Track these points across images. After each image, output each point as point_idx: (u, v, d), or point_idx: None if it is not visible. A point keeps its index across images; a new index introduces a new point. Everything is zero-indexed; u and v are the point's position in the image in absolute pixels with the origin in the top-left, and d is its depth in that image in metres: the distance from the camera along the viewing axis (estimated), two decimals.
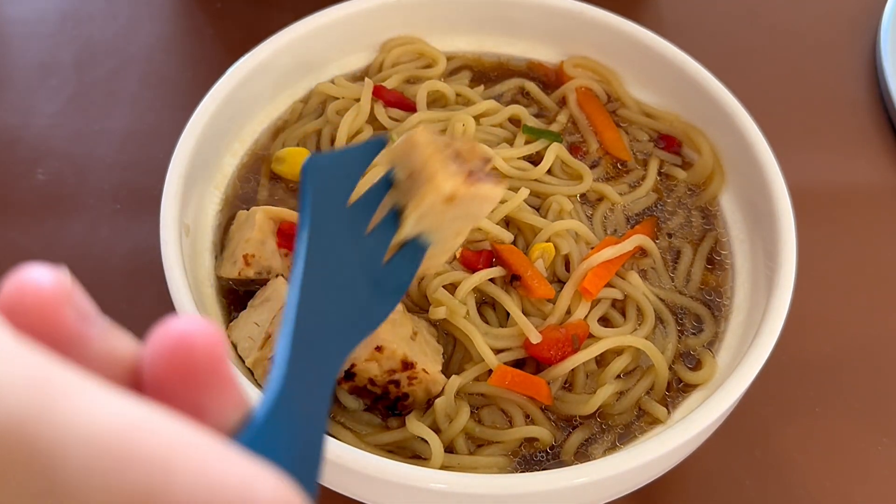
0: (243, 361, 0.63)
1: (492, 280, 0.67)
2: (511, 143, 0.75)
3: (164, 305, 0.62)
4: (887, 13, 1.02)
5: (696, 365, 0.67)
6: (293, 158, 0.74)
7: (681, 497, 0.70)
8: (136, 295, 0.78)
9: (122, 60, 0.97)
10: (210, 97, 0.71)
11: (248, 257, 0.66)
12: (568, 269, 0.69)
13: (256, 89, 0.76)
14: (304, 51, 0.78)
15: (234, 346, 0.64)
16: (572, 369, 0.64)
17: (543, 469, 0.61)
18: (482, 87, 0.81)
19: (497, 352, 0.64)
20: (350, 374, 0.61)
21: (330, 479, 0.59)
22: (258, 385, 0.63)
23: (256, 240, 0.67)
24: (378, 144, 0.48)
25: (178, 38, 1.00)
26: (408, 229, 0.49)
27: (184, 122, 0.69)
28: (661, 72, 0.78)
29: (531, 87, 0.81)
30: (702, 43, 0.88)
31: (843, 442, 0.74)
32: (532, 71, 0.84)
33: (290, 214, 0.69)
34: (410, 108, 0.78)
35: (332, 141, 0.76)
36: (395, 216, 0.49)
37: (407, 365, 0.61)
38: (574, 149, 0.78)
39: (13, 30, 0.99)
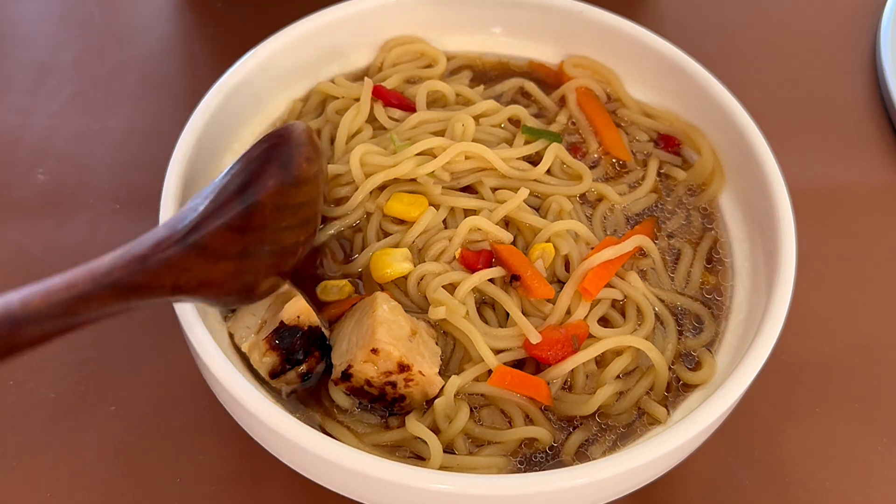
0: (239, 349, 0.64)
1: (491, 280, 0.67)
2: (510, 143, 0.75)
3: (164, 305, 0.62)
4: (887, 13, 1.02)
5: (696, 365, 0.67)
6: None
7: (681, 497, 0.70)
8: None
9: (122, 60, 0.97)
10: (210, 97, 0.71)
11: None
12: (568, 269, 0.69)
13: (256, 89, 0.76)
14: (305, 51, 0.78)
15: (231, 336, 0.65)
16: (572, 370, 0.64)
17: (543, 469, 0.61)
18: (482, 86, 0.81)
19: (497, 352, 0.64)
20: (347, 375, 0.61)
21: (330, 479, 0.59)
22: (252, 370, 0.63)
23: None
24: None
25: (178, 38, 1.00)
26: None
27: (184, 122, 0.69)
28: (661, 72, 0.78)
29: (531, 86, 0.81)
30: (702, 43, 0.88)
31: (844, 442, 0.74)
32: (532, 71, 0.84)
33: None
34: (410, 108, 0.78)
35: (332, 140, 0.76)
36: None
37: (403, 367, 0.61)
38: (574, 149, 0.77)
39: (13, 30, 0.99)
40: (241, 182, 0.54)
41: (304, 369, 0.63)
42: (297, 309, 0.63)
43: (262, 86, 0.76)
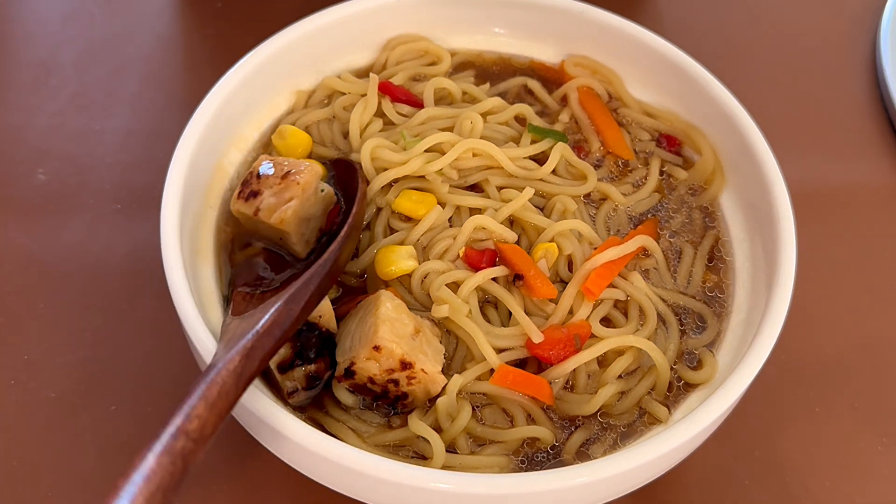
0: None
1: (495, 279, 0.67)
2: (517, 141, 0.75)
3: (165, 305, 0.62)
4: (887, 14, 1.02)
5: (697, 364, 0.67)
6: (294, 139, 0.75)
7: (681, 496, 0.71)
8: (136, 294, 0.78)
9: (123, 60, 0.97)
10: (211, 97, 0.71)
11: None
12: (571, 269, 0.69)
13: (258, 89, 0.76)
14: (306, 50, 0.78)
15: None
16: (574, 369, 0.64)
17: (544, 469, 0.61)
18: (487, 84, 0.81)
19: (499, 351, 0.64)
20: (350, 372, 0.61)
21: (332, 478, 0.59)
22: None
23: None
24: None
25: (178, 37, 1.00)
26: None
27: (184, 122, 0.69)
28: (662, 72, 0.78)
29: (534, 84, 0.81)
30: (701, 43, 0.88)
31: (844, 442, 0.74)
32: (534, 70, 0.84)
33: None
34: (418, 104, 0.78)
35: (345, 135, 0.76)
36: None
37: (405, 365, 0.61)
38: (577, 148, 0.77)
39: (14, 30, 0.99)
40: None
41: (313, 370, 0.63)
42: (321, 308, 0.63)
43: (263, 86, 0.76)
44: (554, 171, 0.74)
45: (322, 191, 0.69)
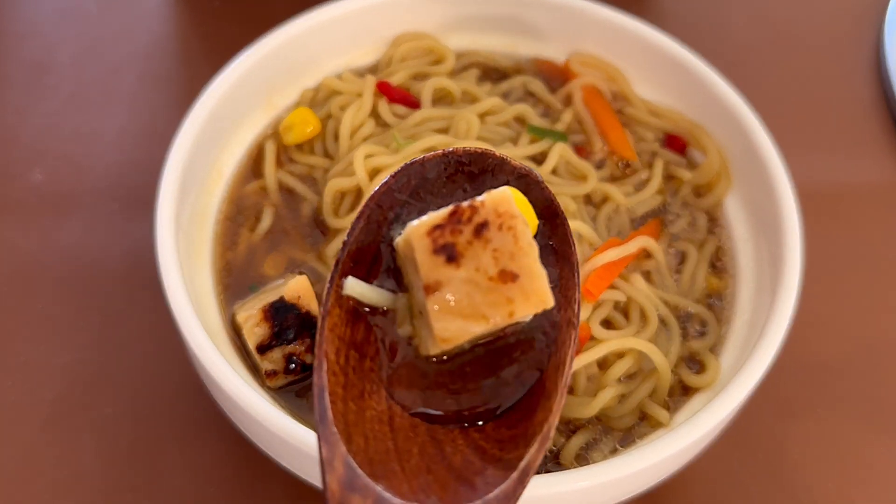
0: (238, 334, 0.64)
1: None
2: (516, 142, 0.75)
3: (162, 306, 0.61)
4: (891, 12, 1.01)
5: (700, 368, 0.66)
6: (299, 122, 0.75)
7: (682, 499, 0.70)
8: (133, 295, 0.78)
9: (120, 59, 0.96)
10: (207, 95, 0.70)
11: None
12: None
13: (255, 87, 0.75)
14: (304, 48, 0.77)
15: (234, 317, 0.65)
16: (573, 372, 0.64)
17: (543, 472, 0.60)
18: (489, 84, 0.80)
19: None
20: None
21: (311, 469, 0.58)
22: (244, 359, 0.64)
23: None
24: None
25: (176, 36, 1.00)
26: None
27: (181, 121, 0.68)
28: (665, 70, 0.78)
29: (536, 85, 0.80)
30: (704, 42, 0.88)
31: (848, 445, 0.73)
32: (539, 69, 0.83)
33: None
34: (415, 104, 0.77)
35: (336, 137, 0.75)
36: None
37: None
38: (579, 149, 0.77)
39: (11, 28, 0.99)
40: None
41: (291, 351, 0.62)
42: (301, 288, 0.63)
43: (260, 84, 0.76)
44: (554, 172, 0.73)
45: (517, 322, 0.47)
